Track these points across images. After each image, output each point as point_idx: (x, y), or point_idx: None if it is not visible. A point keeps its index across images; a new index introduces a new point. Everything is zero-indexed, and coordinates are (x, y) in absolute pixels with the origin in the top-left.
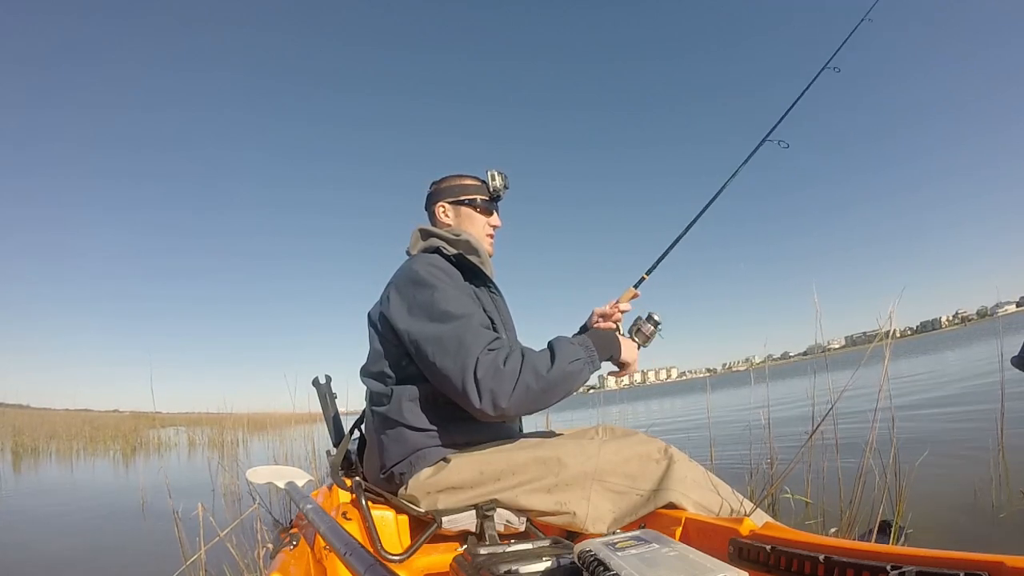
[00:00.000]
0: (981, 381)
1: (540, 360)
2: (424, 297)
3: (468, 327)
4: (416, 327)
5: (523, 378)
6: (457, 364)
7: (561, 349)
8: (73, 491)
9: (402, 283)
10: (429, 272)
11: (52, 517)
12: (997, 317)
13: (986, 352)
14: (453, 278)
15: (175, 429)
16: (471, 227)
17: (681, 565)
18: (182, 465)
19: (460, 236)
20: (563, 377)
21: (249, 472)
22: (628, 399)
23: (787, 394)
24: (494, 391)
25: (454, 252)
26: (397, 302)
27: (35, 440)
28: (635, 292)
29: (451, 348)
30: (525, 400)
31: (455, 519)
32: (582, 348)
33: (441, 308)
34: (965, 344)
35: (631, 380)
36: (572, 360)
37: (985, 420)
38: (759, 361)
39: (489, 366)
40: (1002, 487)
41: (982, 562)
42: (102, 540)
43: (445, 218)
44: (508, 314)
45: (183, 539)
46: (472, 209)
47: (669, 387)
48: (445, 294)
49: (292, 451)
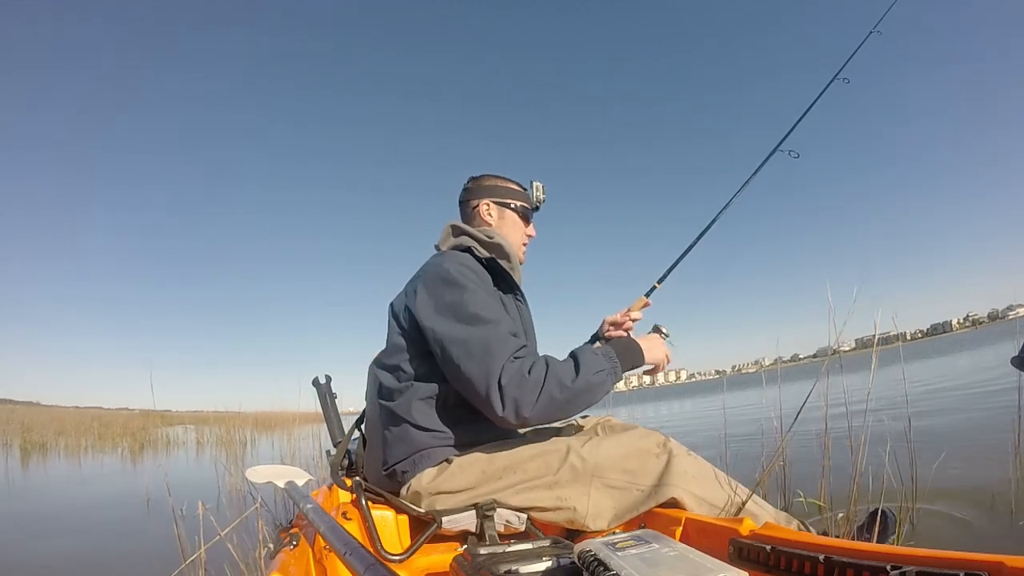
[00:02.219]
0: (993, 382)
1: (565, 370)
2: (453, 297)
3: (496, 333)
4: (442, 327)
5: (547, 388)
6: (482, 369)
7: (585, 360)
8: (79, 488)
9: (431, 280)
10: (460, 272)
11: (56, 514)
12: (1008, 320)
13: (997, 355)
14: (484, 280)
15: (183, 427)
16: (511, 232)
17: (681, 565)
18: (189, 464)
19: (493, 239)
20: (587, 388)
21: (249, 471)
22: (637, 400)
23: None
24: (518, 400)
25: (486, 255)
26: (424, 298)
27: (44, 437)
28: (646, 301)
29: (477, 352)
30: (548, 410)
31: (455, 519)
32: (606, 359)
33: (470, 310)
34: (977, 347)
35: (640, 381)
36: (596, 371)
37: (1001, 422)
38: (769, 363)
39: (514, 374)
40: (1021, 491)
41: (982, 562)
42: (103, 538)
43: (488, 217)
44: (531, 323)
45: (182, 538)
46: (516, 215)
47: (679, 389)
48: (475, 296)
49: (299, 450)
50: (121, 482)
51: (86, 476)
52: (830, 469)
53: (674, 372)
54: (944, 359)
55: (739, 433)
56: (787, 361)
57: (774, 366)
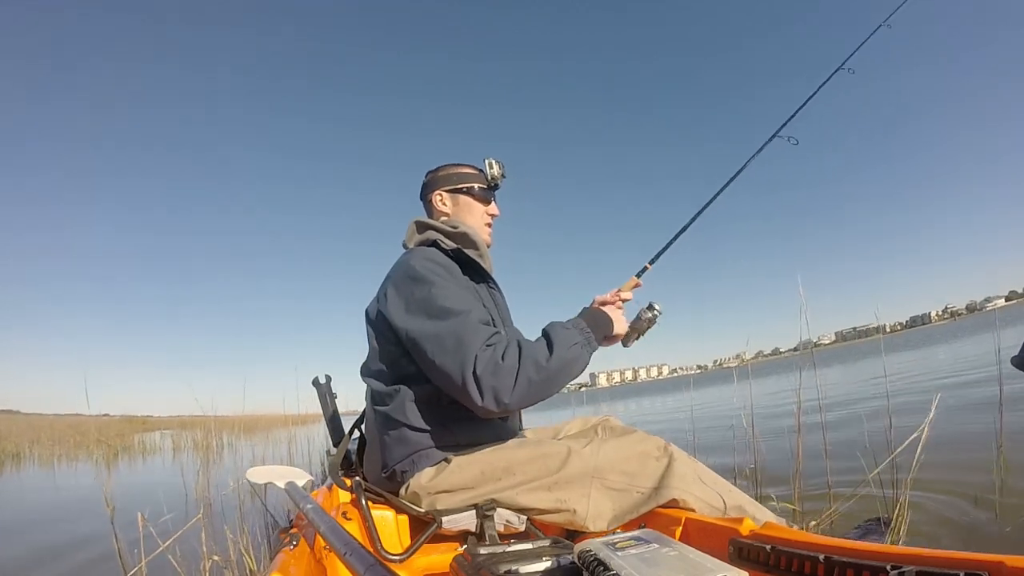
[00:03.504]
0: (975, 379)
1: (538, 350)
2: (422, 293)
3: (467, 323)
4: (414, 325)
5: (523, 371)
6: (456, 362)
7: (557, 335)
8: (48, 497)
9: (399, 279)
10: (426, 267)
11: (17, 524)
12: (986, 312)
13: (976, 349)
14: (452, 273)
15: (160, 433)
16: (469, 216)
17: (681, 565)
18: (166, 469)
19: (458, 228)
20: (564, 364)
21: (249, 472)
22: (619, 396)
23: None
24: (495, 387)
25: (452, 246)
26: (395, 299)
27: (18, 446)
28: (637, 281)
29: (450, 346)
30: (528, 393)
31: (455, 519)
32: (578, 331)
33: (439, 304)
34: (955, 339)
35: (622, 377)
36: (571, 345)
37: (984, 420)
38: (749, 358)
39: (488, 362)
40: (1004, 494)
41: (982, 562)
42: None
43: (442, 206)
44: (507, 309)
45: (122, 551)
46: (470, 197)
47: (660, 384)
48: (444, 290)
49: (276, 453)
50: (88, 491)
51: (59, 484)
52: (801, 473)
53: (656, 367)
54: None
55: (710, 440)
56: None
57: (754, 360)
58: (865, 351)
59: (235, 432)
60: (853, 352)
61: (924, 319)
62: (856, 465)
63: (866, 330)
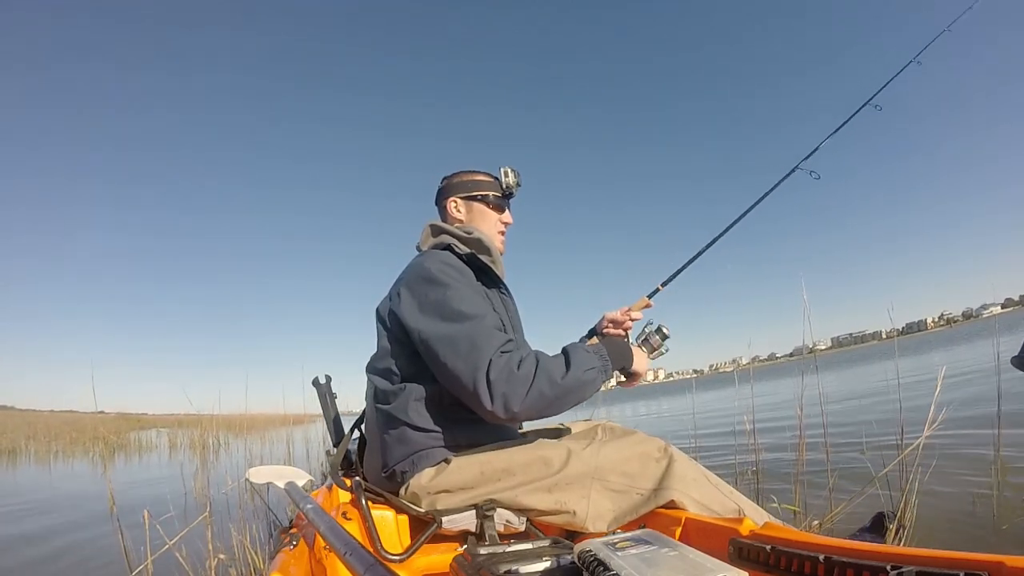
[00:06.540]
0: (975, 379)
1: (555, 366)
2: (436, 295)
3: (481, 328)
4: (428, 326)
5: (537, 383)
6: (469, 365)
7: (576, 356)
8: (43, 494)
9: (414, 280)
10: (441, 270)
11: (11, 521)
12: (982, 318)
13: (972, 354)
14: (465, 276)
15: (156, 431)
16: (483, 223)
17: (681, 565)
18: (163, 467)
19: (472, 234)
20: (577, 385)
21: (250, 471)
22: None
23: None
24: (507, 394)
25: (466, 251)
26: (408, 300)
27: (14, 442)
28: (648, 302)
29: (463, 349)
30: (538, 405)
31: (455, 519)
32: (597, 357)
33: (454, 307)
34: (952, 345)
35: (618, 380)
36: (587, 369)
37: (983, 420)
38: (745, 362)
39: (503, 368)
40: (1002, 495)
41: (982, 562)
42: (45, 549)
43: (457, 213)
44: (517, 316)
45: (128, 549)
46: (484, 205)
47: (657, 388)
48: (458, 293)
49: (273, 452)
50: (90, 488)
51: (54, 481)
52: (803, 474)
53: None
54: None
55: (712, 444)
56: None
57: (750, 365)
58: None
59: (232, 431)
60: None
61: (920, 325)
62: (857, 466)
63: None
